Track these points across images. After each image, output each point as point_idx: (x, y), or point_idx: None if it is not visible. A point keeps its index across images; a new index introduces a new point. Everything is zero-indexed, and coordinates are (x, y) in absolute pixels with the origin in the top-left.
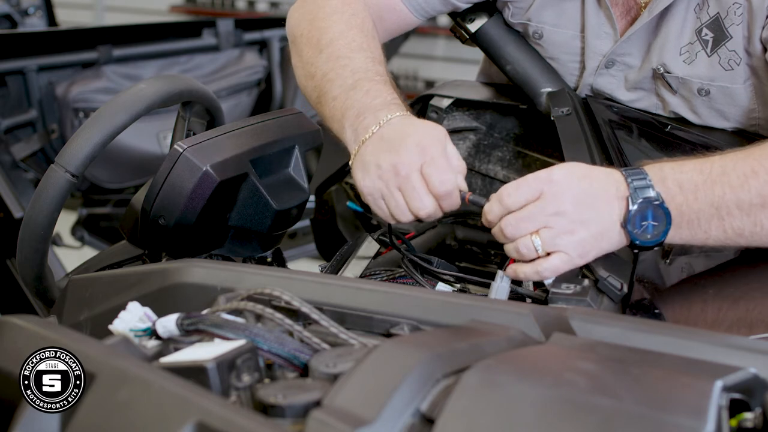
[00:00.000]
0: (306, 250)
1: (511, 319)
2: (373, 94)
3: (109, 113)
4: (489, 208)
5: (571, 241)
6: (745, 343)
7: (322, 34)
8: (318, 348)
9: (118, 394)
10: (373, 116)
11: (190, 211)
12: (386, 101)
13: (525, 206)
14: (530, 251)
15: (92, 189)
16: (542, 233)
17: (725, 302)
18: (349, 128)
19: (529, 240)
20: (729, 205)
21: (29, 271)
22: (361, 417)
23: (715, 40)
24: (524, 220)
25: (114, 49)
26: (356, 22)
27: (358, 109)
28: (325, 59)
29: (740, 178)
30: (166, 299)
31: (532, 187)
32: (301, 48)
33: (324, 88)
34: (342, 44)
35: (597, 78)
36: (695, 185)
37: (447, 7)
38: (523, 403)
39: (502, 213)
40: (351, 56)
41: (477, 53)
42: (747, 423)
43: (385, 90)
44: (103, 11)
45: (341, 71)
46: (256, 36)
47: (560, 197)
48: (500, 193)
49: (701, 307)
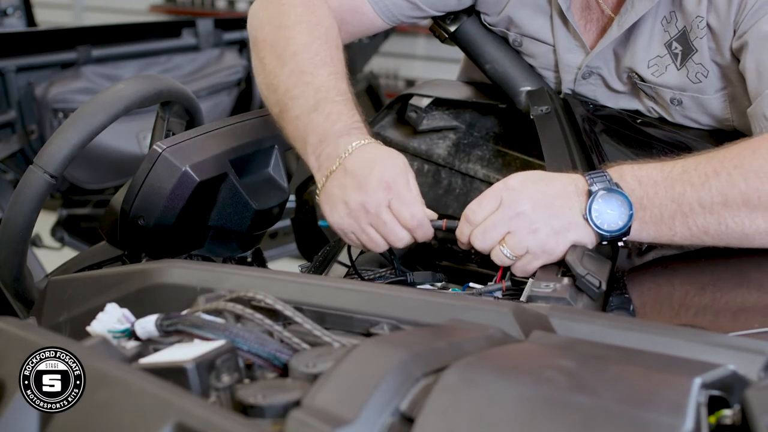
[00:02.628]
0: (287, 249)
1: (491, 318)
2: (333, 118)
3: (88, 114)
4: (460, 231)
5: (536, 240)
6: (724, 340)
7: (286, 44)
8: (298, 348)
9: (97, 395)
10: (335, 145)
11: (170, 212)
12: (346, 126)
13: (488, 217)
14: (503, 260)
15: (72, 190)
16: (507, 240)
17: (693, 287)
18: (312, 155)
19: (498, 249)
20: (691, 202)
21: (8, 273)
22: (341, 416)
23: (683, 54)
24: (489, 230)
25: (93, 50)
26: (320, 32)
27: (319, 135)
28: (288, 73)
29: (701, 177)
30: (145, 300)
31: (492, 199)
32: (264, 55)
33: (286, 105)
34: (306, 58)
35: (577, 87)
36: (654, 181)
37: (418, 13)
38: (502, 402)
39: (471, 231)
40: (314, 72)
41: (457, 52)
42: (726, 420)
43: (345, 113)
44: (82, 11)
45: (304, 88)
46: (236, 36)
47: (518, 200)
48: (466, 213)
49: (669, 290)
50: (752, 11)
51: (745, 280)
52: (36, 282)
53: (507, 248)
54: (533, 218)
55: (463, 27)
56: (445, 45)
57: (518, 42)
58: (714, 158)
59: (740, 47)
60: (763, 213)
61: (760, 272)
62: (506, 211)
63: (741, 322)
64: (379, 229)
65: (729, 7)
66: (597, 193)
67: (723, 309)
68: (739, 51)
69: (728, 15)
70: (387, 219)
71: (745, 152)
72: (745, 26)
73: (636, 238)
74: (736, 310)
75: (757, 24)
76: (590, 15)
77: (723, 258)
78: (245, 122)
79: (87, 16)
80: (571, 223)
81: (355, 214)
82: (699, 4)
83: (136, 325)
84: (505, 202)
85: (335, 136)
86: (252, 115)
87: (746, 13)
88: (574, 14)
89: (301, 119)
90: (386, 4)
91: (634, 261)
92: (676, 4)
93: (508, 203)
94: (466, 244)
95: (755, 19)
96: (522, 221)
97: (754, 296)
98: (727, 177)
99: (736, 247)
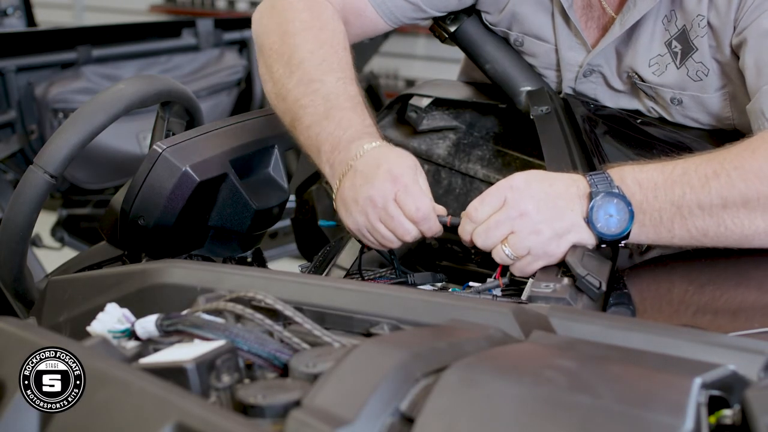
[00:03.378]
0: (287, 249)
1: (491, 318)
2: (344, 125)
3: (88, 114)
4: (462, 228)
5: (538, 241)
6: (724, 340)
7: (293, 52)
8: (298, 348)
9: (97, 395)
10: (346, 150)
11: (170, 212)
12: (358, 132)
13: (491, 216)
14: (504, 259)
15: (72, 190)
16: (510, 240)
17: (692, 285)
18: (326, 164)
19: (500, 249)
20: (690, 205)
21: (8, 273)
22: (341, 417)
23: (683, 52)
24: (492, 228)
25: (93, 50)
26: (327, 36)
27: (331, 143)
28: (296, 82)
29: (701, 179)
30: (145, 300)
31: (495, 197)
32: (271, 63)
33: (297, 114)
34: (313, 65)
35: (578, 85)
36: (654, 184)
37: (420, 14)
38: (502, 402)
39: (474, 228)
40: (322, 79)
41: (457, 52)
42: (726, 420)
43: (356, 118)
44: (82, 11)
45: (313, 97)
46: (236, 36)
47: (522, 200)
48: (468, 211)
49: (668, 288)
50: (752, 8)
51: (744, 279)
52: (36, 282)
53: (509, 248)
54: (537, 219)
55: (463, 27)
56: (445, 45)
57: (519, 42)
58: (714, 160)
59: (740, 44)
60: (762, 214)
61: (760, 271)
62: (510, 210)
63: (741, 322)
64: (387, 223)
65: (729, 4)
66: (598, 196)
67: (723, 308)
68: (738, 48)
69: (728, 12)
70: (394, 212)
71: (745, 153)
72: (745, 23)
73: (635, 241)
74: (735, 309)
75: (756, 20)
76: (591, 13)
77: (723, 257)
78: (245, 122)
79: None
80: (572, 225)
81: (365, 209)
82: (699, 2)
83: (136, 325)
84: (509, 202)
85: (347, 142)
86: (252, 115)
87: (746, 10)
88: (575, 12)
89: (313, 128)
90: (389, 6)
91: (635, 260)
92: (676, 3)
93: (512, 203)
94: (468, 241)
95: (755, 16)
96: (525, 222)
97: (753, 295)
98: (726, 178)
99: (736, 248)
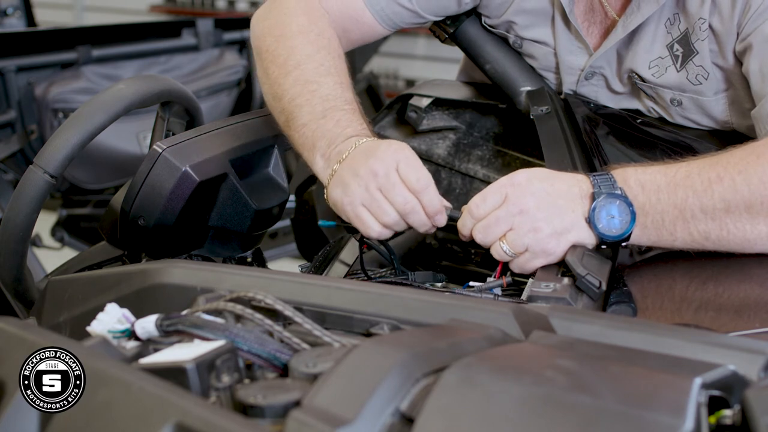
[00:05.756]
0: (287, 250)
1: (491, 318)
2: (343, 124)
3: (88, 114)
4: (462, 223)
5: (536, 239)
6: (724, 340)
7: (289, 54)
8: (298, 348)
9: (97, 395)
10: (344, 144)
11: (170, 212)
12: (356, 131)
13: (492, 212)
14: (502, 256)
15: (72, 190)
16: (508, 236)
17: (694, 282)
18: (321, 158)
19: (498, 246)
20: (693, 208)
21: (8, 273)
22: (341, 417)
23: (683, 55)
24: (492, 225)
25: (93, 50)
26: (324, 42)
27: (329, 139)
28: (292, 82)
29: (704, 183)
30: (145, 300)
31: (496, 194)
32: (267, 65)
33: (293, 113)
34: (310, 68)
35: (580, 88)
36: (657, 186)
37: (418, 20)
38: (502, 402)
39: (474, 224)
40: (320, 81)
41: (457, 52)
42: (726, 420)
43: (355, 120)
44: (83, 11)
45: (310, 97)
46: (236, 36)
47: (523, 197)
48: (469, 206)
49: (669, 284)
50: (756, 13)
51: (746, 276)
52: (36, 282)
53: (507, 244)
54: (536, 217)
55: (463, 27)
56: (445, 45)
57: (518, 44)
58: (718, 163)
59: (744, 50)
60: (765, 219)
61: (762, 268)
62: (510, 207)
63: (742, 320)
64: (387, 193)
65: (733, 10)
66: (600, 196)
67: (724, 305)
68: (742, 53)
69: (732, 17)
70: (395, 180)
71: (750, 157)
72: (749, 29)
73: (636, 242)
74: (737, 306)
75: (761, 26)
76: (594, 17)
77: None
78: (245, 122)
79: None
80: (572, 225)
81: (365, 180)
82: (702, 6)
83: (136, 325)
84: (510, 199)
85: (345, 137)
86: (252, 115)
87: (750, 16)
88: (577, 17)
89: (309, 126)
90: (387, 12)
91: (635, 259)
92: (680, 6)
93: (513, 200)
94: (468, 237)
95: (759, 22)
96: (524, 219)
97: (756, 292)
98: (730, 182)
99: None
